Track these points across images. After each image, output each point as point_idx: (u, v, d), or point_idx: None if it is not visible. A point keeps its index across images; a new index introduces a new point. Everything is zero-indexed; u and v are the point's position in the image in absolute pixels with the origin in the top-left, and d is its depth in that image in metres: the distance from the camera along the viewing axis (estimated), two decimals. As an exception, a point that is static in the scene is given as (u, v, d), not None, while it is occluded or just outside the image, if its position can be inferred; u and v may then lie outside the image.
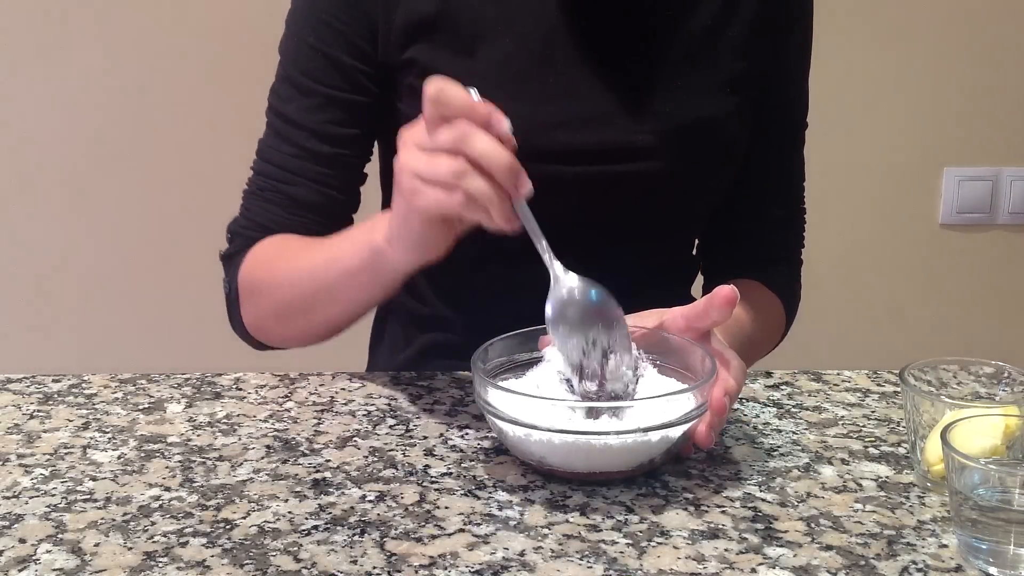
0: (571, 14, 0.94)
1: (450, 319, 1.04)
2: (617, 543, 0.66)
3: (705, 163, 0.99)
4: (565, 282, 0.78)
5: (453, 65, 0.93)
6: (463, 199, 0.73)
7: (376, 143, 1.03)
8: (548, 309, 0.77)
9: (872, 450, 0.80)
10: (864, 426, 0.84)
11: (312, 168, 0.97)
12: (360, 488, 0.73)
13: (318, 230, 0.96)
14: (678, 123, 0.96)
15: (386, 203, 1.07)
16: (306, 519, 0.69)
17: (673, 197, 0.99)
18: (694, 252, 1.11)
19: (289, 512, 0.70)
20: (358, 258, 0.86)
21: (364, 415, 0.86)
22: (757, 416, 0.85)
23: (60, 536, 0.68)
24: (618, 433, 0.71)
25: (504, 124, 0.74)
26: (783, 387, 0.91)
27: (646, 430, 0.71)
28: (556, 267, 0.78)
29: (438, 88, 0.73)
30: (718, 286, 0.78)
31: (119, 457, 0.78)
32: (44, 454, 0.79)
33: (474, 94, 0.74)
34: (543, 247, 0.78)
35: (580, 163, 0.94)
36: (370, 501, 0.72)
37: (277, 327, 0.98)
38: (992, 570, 0.63)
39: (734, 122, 0.99)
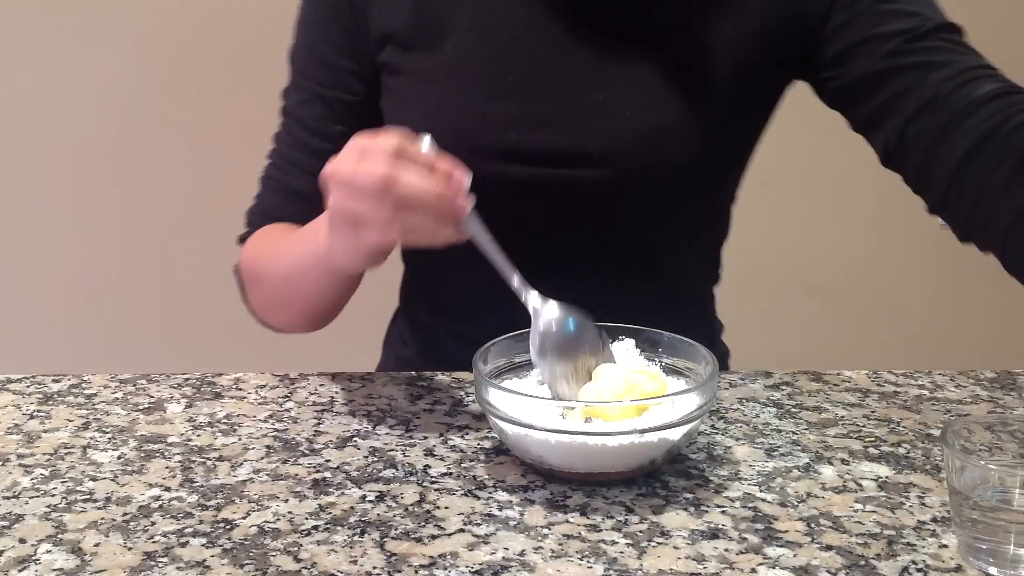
0: (538, 10, 0.93)
1: (448, 326, 1.04)
2: (617, 543, 0.66)
3: (660, 178, 0.93)
4: (545, 314, 0.79)
5: (418, 63, 0.95)
6: (401, 232, 0.75)
7: None
8: (532, 342, 0.79)
9: (872, 450, 0.80)
10: (864, 426, 0.84)
11: (306, 159, 0.98)
12: (360, 488, 0.73)
13: (311, 220, 0.97)
14: (632, 131, 0.91)
15: None
16: (306, 519, 0.69)
17: (633, 214, 0.94)
18: (695, 286, 1.04)
19: (289, 512, 0.70)
20: (310, 256, 0.88)
21: (364, 415, 0.86)
22: (757, 416, 0.85)
23: (60, 536, 0.67)
24: (618, 434, 0.71)
25: (464, 184, 0.75)
26: (783, 387, 0.91)
27: (645, 431, 0.71)
28: (532, 300, 0.79)
29: (399, 146, 0.73)
30: None
31: (119, 457, 0.78)
32: (44, 454, 0.79)
33: (427, 141, 0.76)
34: (515, 280, 0.79)
35: (531, 164, 0.92)
36: (370, 501, 0.72)
37: (270, 312, 1.00)
38: (992, 570, 0.63)
39: (700, 133, 0.93)
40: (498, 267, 0.79)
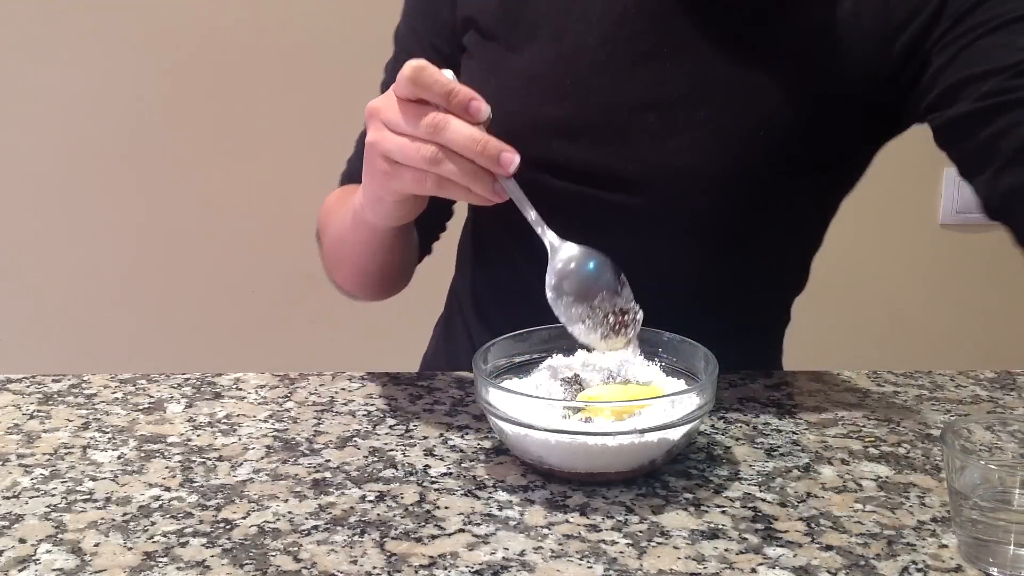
0: (611, 19, 0.88)
1: (480, 333, 1.04)
2: (617, 543, 0.66)
3: (694, 218, 0.87)
4: (562, 252, 0.78)
5: (491, 54, 0.94)
6: (436, 182, 0.73)
7: None
8: (548, 281, 0.78)
9: (872, 450, 0.80)
10: (864, 426, 0.84)
11: None
12: (360, 488, 0.73)
13: None
14: (674, 163, 0.86)
15: None
16: (306, 519, 0.69)
17: (663, 248, 0.89)
18: (739, 332, 0.94)
19: (289, 512, 0.70)
20: (350, 211, 0.89)
21: (364, 415, 0.86)
22: (757, 416, 0.85)
23: (60, 536, 0.67)
24: (618, 434, 0.71)
25: (483, 113, 0.72)
26: (783, 387, 0.91)
27: (645, 431, 0.71)
28: (550, 237, 0.78)
29: (417, 68, 0.71)
30: None
31: (119, 457, 0.78)
32: (44, 454, 0.79)
33: (450, 75, 0.73)
34: (533, 219, 0.77)
35: (564, 178, 0.89)
36: (370, 501, 0.72)
37: (332, 270, 1.01)
38: (992, 570, 0.63)
39: (745, 182, 0.86)
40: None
